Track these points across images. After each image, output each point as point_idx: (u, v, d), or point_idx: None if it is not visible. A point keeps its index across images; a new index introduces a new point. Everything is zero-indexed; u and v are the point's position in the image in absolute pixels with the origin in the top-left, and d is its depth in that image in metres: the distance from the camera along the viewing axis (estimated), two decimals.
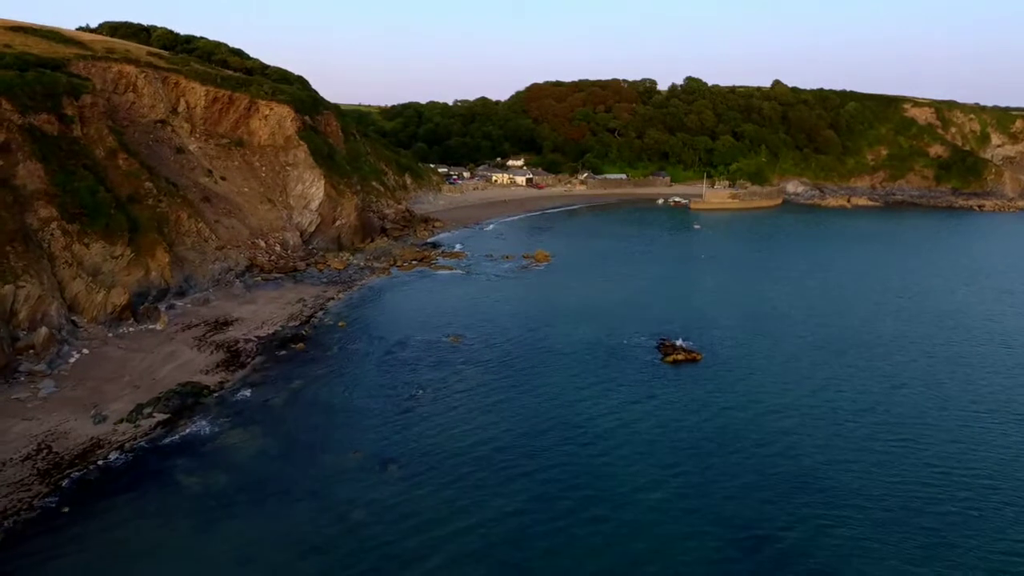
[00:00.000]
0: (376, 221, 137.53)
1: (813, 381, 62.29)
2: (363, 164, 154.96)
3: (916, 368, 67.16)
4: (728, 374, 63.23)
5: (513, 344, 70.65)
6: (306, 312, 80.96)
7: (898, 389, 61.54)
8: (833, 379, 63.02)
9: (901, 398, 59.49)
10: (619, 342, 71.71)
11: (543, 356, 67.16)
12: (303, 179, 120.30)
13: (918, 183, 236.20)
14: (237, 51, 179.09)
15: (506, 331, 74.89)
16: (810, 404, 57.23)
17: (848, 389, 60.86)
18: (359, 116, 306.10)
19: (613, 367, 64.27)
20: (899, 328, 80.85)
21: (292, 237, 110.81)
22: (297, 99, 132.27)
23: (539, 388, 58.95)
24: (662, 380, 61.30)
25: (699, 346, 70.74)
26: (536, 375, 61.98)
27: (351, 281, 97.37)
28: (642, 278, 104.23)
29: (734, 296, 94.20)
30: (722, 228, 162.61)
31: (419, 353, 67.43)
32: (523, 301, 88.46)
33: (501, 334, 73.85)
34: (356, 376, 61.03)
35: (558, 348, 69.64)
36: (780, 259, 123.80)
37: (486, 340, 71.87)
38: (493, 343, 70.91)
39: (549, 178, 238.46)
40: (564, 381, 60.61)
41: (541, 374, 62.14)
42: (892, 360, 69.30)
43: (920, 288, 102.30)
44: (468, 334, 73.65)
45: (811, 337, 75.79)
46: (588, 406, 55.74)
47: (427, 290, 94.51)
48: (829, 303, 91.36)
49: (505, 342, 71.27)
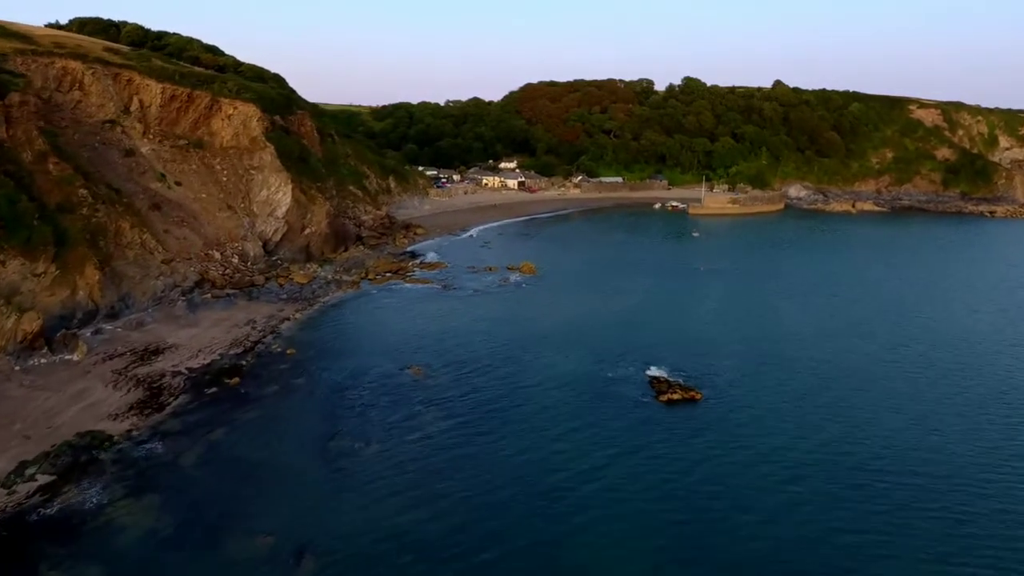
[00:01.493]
0: (352, 228, 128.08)
1: (834, 429, 52.84)
2: (341, 167, 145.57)
3: (952, 407, 57.77)
4: (732, 418, 53.77)
5: (484, 378, 61.18)
6: (253, 336, 71.45)
7: (932, 435, 52.18)
8: (858, 425, 53.55)
9: (942, 452, 50.08)
10: (607, 375, 62.25)
11: (517, 394, 57.68)
12: (269, 183, 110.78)
13: (925, 187, 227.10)
14: (211, 48, 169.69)
15: (478, 361, 65.45)
16: (832, 461, 47.78)
17: (875, 438, 51.43)
18: (348, 117, 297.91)
19: (598, 410, 54.80)
20: (924, 354, 71.51)
21: (253, 247, 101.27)
22: (266, 97, 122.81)
23: (509, 440, 49.49)
24: (654, 428, 51.78)
25: (698, 379, 61.32)
26: (507, 421, 52.51)
27: (313, 297, 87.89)
28: (636, 293, 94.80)
29: (737, 315, 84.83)
30: (722, 235, 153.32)
31: (373, 390, 57.94)
32: (502, 322, 79.04)
33: (472, 364, 64.41)
34: (290, 423, 51.52)
35: (536, 383, 60.18)
36: (785, 271, 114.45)
37: (454, 372, 62.42)
38: (461, 376, 61.46)
39: (542, 181, 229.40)
40: (539, 429, 51.14)
41: (513, 420, 52.66)
42: (923, 397, 59.91)
43: (941, 306, 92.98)
44: (434, 364, 64.19)
45: (826, 367, 66.40)
46: (565, 463, 46.27)
47: (396, 308, 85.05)
48: (843, 324, 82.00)
49: (475, 375, 61.81)
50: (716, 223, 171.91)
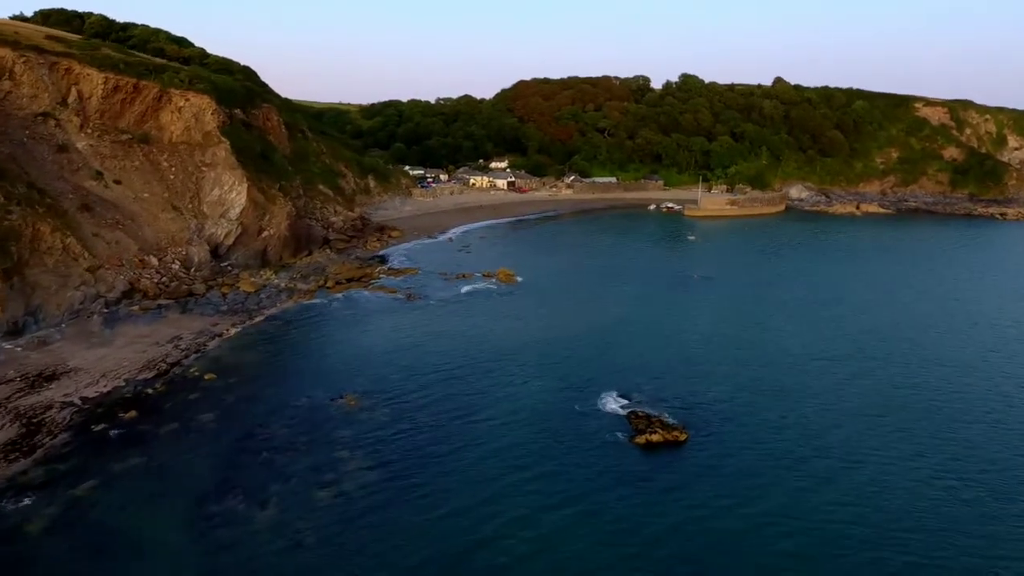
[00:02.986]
0: (319, 231, 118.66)
1: (845, 482, 43.38)
2: (312, 165, 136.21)
3: (990, 451, 48.33)
4: (721, 468, 44.31)
5: (429, 411, 51.78)
6: (172, 357, 62.02)
7: (969, 493, 42.80)
8: (873, 477, 44.10)
9: (984, 520, 40.67)
10: (576, 407, 52.84)
11: (465, 434, 48.26)
12: (221, 182, 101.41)
13: (932, 188, 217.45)
14: (178, 39, 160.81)
15: (426, 388, 56.05)
16: (844, 530, 38.31)
17: (894, 496, 42.00)
18: (336, 115, 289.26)
19: (558, 455, 45.35)
20: (947, 380, 62.03)
21: (199, 252, 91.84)
22: (223, 89, 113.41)
23: (443, 498, 40.10)
24: (624, 482, 42.31)
25: (685, 413, 51.89)
26: (445, 471, 43.11)
27: (258, 309, 78.48)
28: (621, 305, 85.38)
29: (732, 332, 75.34)
30: (719, 239, 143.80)
31: (292, 428, 48.54)
32: (464, 339, 69.62)
33: (418, 393, 55.02)
34: (176, 476, 42.09)
35: (490, 418, 50.74)
36: (786, 279, 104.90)
37: (395, 403, 53.04)
38: (402, 409, 52.07)
39: (533, 181, 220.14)
40: (482, 483, 41.73)
41: (453, 469, 43.25)
42: (951, 435, 50.45)
43: (961, 319, 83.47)
44: (374, 392, 54.79)
45: (834, 397, 56.91)
46: (505, 531, 36.93)
47: (348, 322, 75.63)
48: (852, 343, 72.52)
49: (419, 407, 52.42)
50: (713, 226, 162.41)
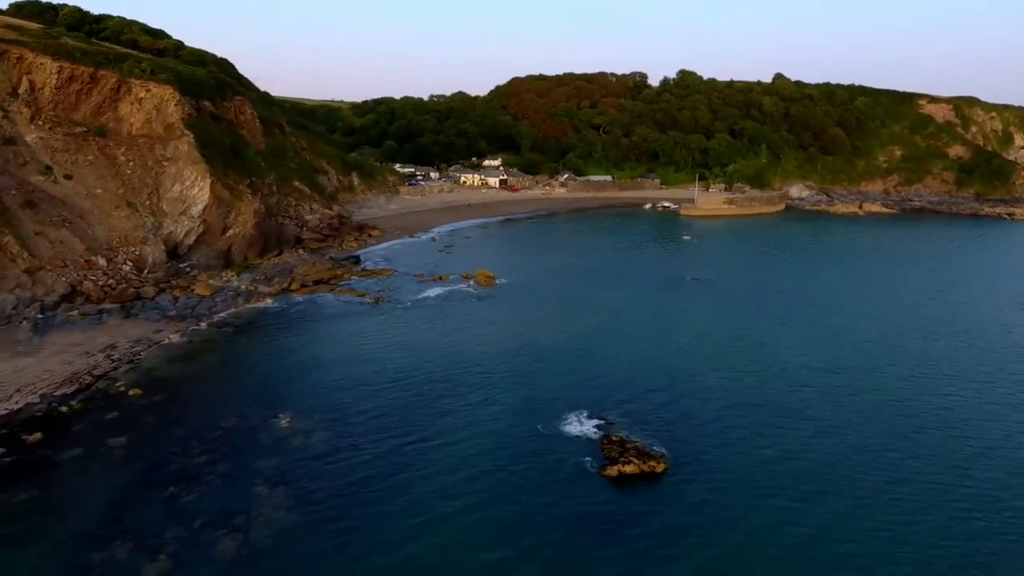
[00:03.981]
0: (291, 230, 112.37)
1: (854, 527, 36.95)
2: (289, 161, 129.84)
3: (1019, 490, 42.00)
4: (703, 508, 37.84)
5: (375, 435, 45.46)
6: (101, 369, 55.76)
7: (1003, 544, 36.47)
8: (891, 520, 37.62)
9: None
10: (542, 430, 46.46)
11: (412, 462, 41.92)
12: (183, 177, 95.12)
13: (937, 188, 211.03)
14: (153, 30, 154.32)
15: (376, 407, 49.78)
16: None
17: (915, 545, 35.64)
18: (327, 112, 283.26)
19: (514, 492, 38.94)
20: (965, 398, 55.66)
21: (154, 252, 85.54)
22: (189, 79, 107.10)
23: (371, 552, 33.60)
24: (588, 527, 35.76)
25: (666, 437, 45.54)
26: (378, 514, 36.67)
27: (208, 314, 72.23)
28: (605, 310, 79.05)
29: (725, 342, 68.92)
30: (715, 240, 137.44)
31: (211, 455, 42.24)
32: (428, 349, 63.31)
33: (365, 413, 48.76)
34: (69, 513, 35.78)
35: (442, 444, 44.40)
36: (785, 282, 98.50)
37: (336, 425, 46.75)
38: (343, 432, 45.78)
39: (526, 180, 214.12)
40: (425, 531, 35.25)
41: (388, 512, 36.69)
42: (976, 470, 44.08)
43: (974, 325, 77.06)
44: (316, 412, 48.51)
45: (837, 417, 50.46)
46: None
47: (304, 329, 69.29)
48: (858, 354, 66.03)
49: (362, 430, 46.13)
50: (710, 225, 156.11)
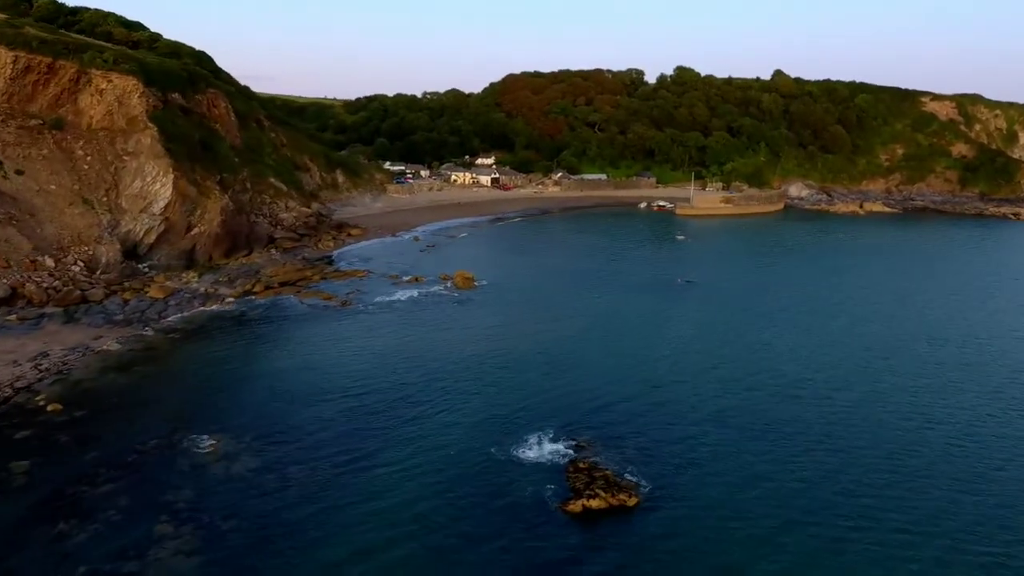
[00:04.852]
0: (264, 228, 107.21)
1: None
2: (265, 157, 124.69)
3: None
4: (681, 551, 32.60)
5: (309, 458, 40.34)
6: (24, 380, 50.69)
7: None
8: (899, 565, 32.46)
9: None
10: (501, 456, 41.21)
11: (344, 493, 36.76)
12: (144, 173, 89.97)
13: (940, 187, 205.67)
14: (130, 23, 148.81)
15: (316, 425, 44.69)
16: None
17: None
18: (318, 110, 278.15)
19: (462, 535, 33.66)
20: (975, 412, 50.50)
21: (109, 251, 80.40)
22: (156, 70, 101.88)
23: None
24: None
25: (641, 463, 40.31)
26: (296, 554, 31.43)
27: (158, 318, 67.10)
28: (586, 316, 73.87)
29: (714, 350, 63.71)
30: (711, 240, 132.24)
31: (123, 482, 37.20)
32: (389, 357, 58.22)
33: (304, 432, 43.67)
34: None
35: (383, 468, 39.28)
36: (782, 286, 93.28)
37: (269, 447, 41.65)
38: (276, 455, 40.67)
39: (519, 178, 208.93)
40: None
41: (302, 564, 31.41)
42: (990, 500, 38.86)
43: (983, 332, 71.86)
44: (249, 430, 43.42)
45: (840, 440, 45.12)
46: None
47: (257, 335, 64.18)
48: (858, 364, 60.85)
49: (298, 453, 41.02)
50: (706, 225, 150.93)
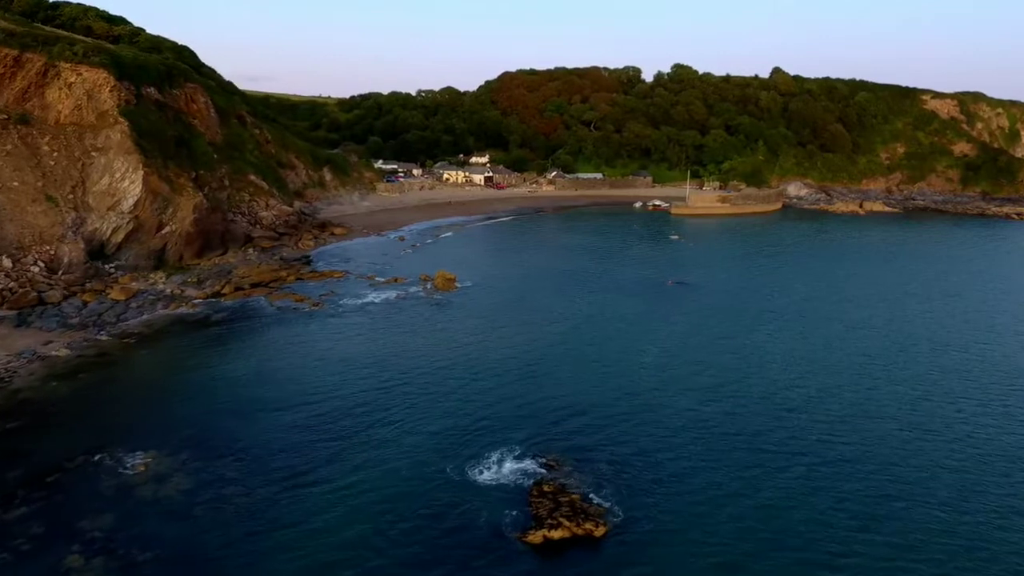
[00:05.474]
0: (242, 227, 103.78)
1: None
2: (247, 154, 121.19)
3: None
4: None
5: (247, 478, 36.92)
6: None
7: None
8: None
9: None
10: (458, 475, 37.68)
11: (280, 519, 33.28)
12: (112, 169, 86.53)
13: (941, 186, 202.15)
14: (113, 17, 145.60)
15: (265, 439, 41.20)
16: None
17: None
18: (311, 108, 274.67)
19: (408, 563, 30.17)
20: (983, 426, 46.95)
21: (72, 251, 76.93)
22: (129, 63, 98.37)
23: None
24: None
25: (613, 481, 36.79)
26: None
27: (115, 322, 63.64)
28: (568, 320, 70.32)
29: (702, 357, 60.14)
30: (705, 240, 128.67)
31: (41, 504, 33.93)
32: (354, 364, 54.74)
33: (252, 446, 40.20)
34: None
35: (326, 489, 35.82)
36: (777, 288, 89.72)
37: (209, 463, 38.23)
38: (216, 472, 37.28)
39: (512, 177, 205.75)
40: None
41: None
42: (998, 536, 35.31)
43: (990, 337, 68.30)
44: (188, 448, 39.98)
45: (837, 459, 41.50)
46: None
47: (217, 340, 60.72)
48: (859, 375, 57.24)
49: (240, 470, 37.62)
50: (701, 225, 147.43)
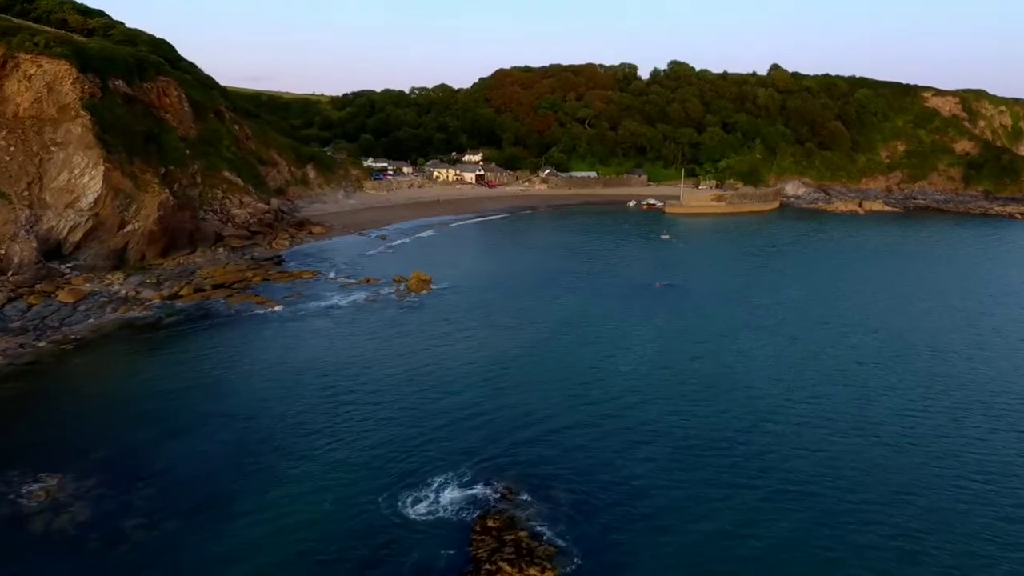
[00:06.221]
0: (214, 225, 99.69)
1: None
2: (223, 150, 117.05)
3: None
4: None
5: (158, 503, 32.99)
6: None
7: None
8: None
9: None
10: (389, 507, 33.48)
11: (190, 551, 29.30)
12: (72, 164, 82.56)
13: (943, 185, 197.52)
14: (90, 10, 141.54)
15: (184, 460, 37.20)
16: None
17: None
18: (303, 106, 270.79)
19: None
20: (994, 446, 42.82)
21: (23, 251, 72.95)
22: (95, 55, 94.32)
23: None
24: None
25: (569, 519, 32.60)
26: None
27: (58, 326, 59.63)
28: (547, 324, 66.19)
29: (682, 368, 55.99)
30: (697, 240, 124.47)
31: None
32: (304, 372, 50.79)
33: (168, 468, 36.24)
34: None
35: (248, 519, 31.73)
36: (770, 290, 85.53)
37: (117, 489, 34.31)
38: (123, 499, 33.45)
39: (504, 176, 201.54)
40: None
41: None
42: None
43: (997, 344, 64.12)
44: (99, 472, 35.97)
45: (829, 488, 37.34)
46: None
47: (164, 346, 56.76)
48: (851, 383, 53.16)
49: (149, 497, 33.59)
50: (695, 224, 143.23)
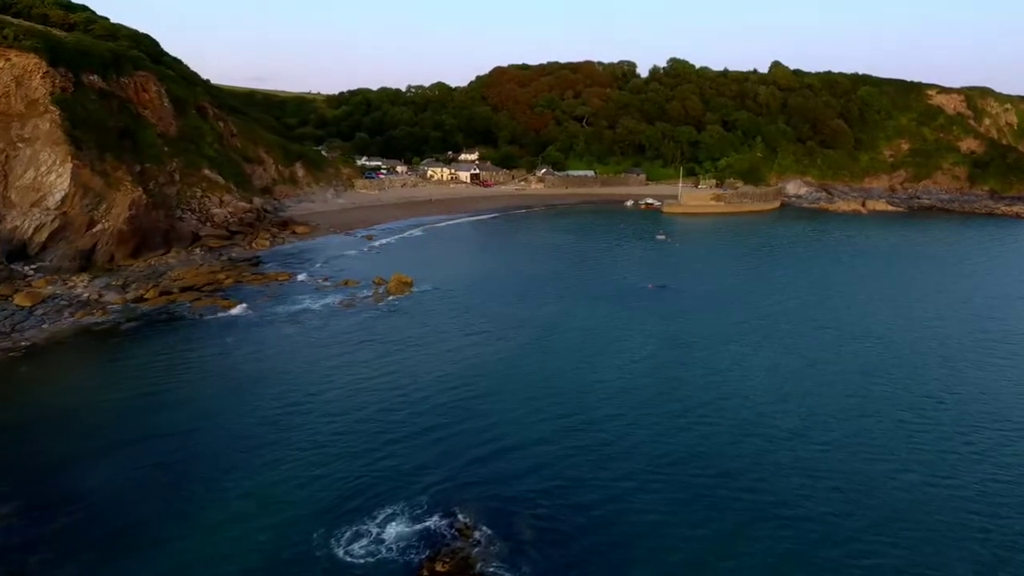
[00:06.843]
0: (191, 225, 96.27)
1: None
2: (205, 147, 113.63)
3: None
4: None
5: (75, 536, 29.51)
6: None
7: None
8: None
9: None
10: (324, 546, 29.79)
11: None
12: (39, 162, 79.19)
13: (948, 184, 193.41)
14: (73, 5, 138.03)
15: (116, 482, 33.65)
16: None
17: None
18: (299, 104, 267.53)
19: None
20: (1008, 467, 39.13)
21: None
22: (69, 48, 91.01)
23: None
24: None
25: (528, 560, 29.03)
26: None
27: (8, 332, 56.16)
28: (529, 330, 62.52)
29: (670, 377, 52.30)
30: (695, 240, 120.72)
31: None
32: (260, 383, 47.31)
33: (97, 490, 32.86)
34: None
35: (166, 550, 28.08)
36: (767, 294, 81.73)
37: (35, 515, 30.73)
38: (36, 531, 30.02)
39: (500, 175, 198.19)
40: None
41: None
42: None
43: (1007, 351, 60.34)
44: (12, 501, 32.19)
45: (815, 519, 33.79)
46: None
47: (118, 354, 53.34)
48: (854, 395, 49.43)
49: (68, 522, 30.20)
50: (693, 224, 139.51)
